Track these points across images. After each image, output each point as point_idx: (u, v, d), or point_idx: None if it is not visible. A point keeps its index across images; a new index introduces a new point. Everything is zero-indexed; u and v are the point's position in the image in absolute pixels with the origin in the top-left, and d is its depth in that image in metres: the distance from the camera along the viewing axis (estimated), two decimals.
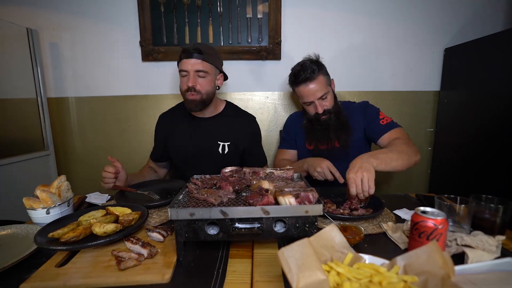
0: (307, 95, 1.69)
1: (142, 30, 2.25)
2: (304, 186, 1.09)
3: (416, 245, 0.88)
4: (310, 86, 1.66)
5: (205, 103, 1.69)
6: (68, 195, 1.33)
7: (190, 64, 1.60)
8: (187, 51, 1.60)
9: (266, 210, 0.91)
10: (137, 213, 1.17)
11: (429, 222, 0.87)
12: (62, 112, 2.41)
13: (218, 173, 1.35)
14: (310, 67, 1.66)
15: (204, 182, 1.21)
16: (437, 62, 2.39)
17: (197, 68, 1.61)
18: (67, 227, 1.06)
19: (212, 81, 1.68)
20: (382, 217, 1.26)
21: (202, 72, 1.62)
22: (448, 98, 2.31)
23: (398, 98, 2.43)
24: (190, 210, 0.91)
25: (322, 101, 1.70)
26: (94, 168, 2.46)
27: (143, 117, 2.42)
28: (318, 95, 1.67)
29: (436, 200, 1.13)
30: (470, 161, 2.08)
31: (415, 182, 2.56)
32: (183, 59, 1.62)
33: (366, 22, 2.31)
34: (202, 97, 1.66)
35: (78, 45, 2.32)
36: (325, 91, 1.68)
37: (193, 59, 1.60)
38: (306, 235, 0.90)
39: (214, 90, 1.73)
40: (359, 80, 2.40)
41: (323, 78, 1.69)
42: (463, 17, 2.34)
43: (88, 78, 2.36)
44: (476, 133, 2.02)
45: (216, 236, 0.94)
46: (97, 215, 1.19)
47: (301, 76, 1.67)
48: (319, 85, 1.66)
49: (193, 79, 1.62)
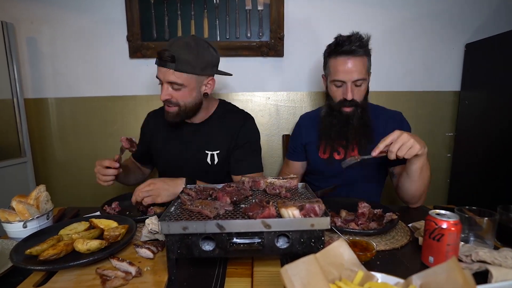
0: (343, 72, 1.59)
1: (130, 23, 2.26)
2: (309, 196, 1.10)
3: (428, 245, 0.99)
4: (350, 61, 1.58)
5: (185, 115, 1.63)
6: (47, 207, 1.33)
7: (162, 74, 1.52)
8: (160, 56, 1.50)
9: (267, 223, 0.91)
10: (124, 227, 1.17)
11: (441, 223, 0.95)
12: (40, 115, 2.42)
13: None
14: (359, 41, 1.58)
15: (198, 193, 1.22)
16: (457, 59, 2.40)
17: (169, 80, 1.51)
18: (46, 243, 1.06)
19: (192, 92, 1.57)
20: (396, 231, 1.26)
21: (175, 84, 1.52)
22: (470, 99, 2.31)
23: (413, 99, 2.44)
24: (183, 223, 0.91)
25: (355, 88, 1.62)
26: (76, 177, 2.47)
27: (131, 120, 2.43)
28: (354, 76, 1.58)
29: (456, 212, 1.14)
30: (494, 169, 2.08)
31: (432, 193, 2.54)
32: (157, 65, 1.54)
33: (378, 15, 2.33)
34: (181, 109, 1.59)
35: (59, 40, 2.33)
36: (363, 76, 1.60)
37: (165, 69, 1.50)
38: (312, 251, 0.90)
39: (198, 99, 1.63)
40: (370, 79, 2.37)
41: (366, 62, 1.63)
42: (486, 9, 2.35)
43: (69, 76, 2.38)
44: (501, 138, 2.02)
45: (212, 253, 0.94)
46: (80, 229, 1.19)
47: (345, 46, 1.58)
48: (359, 66, 1.59)
49: (166, 91, 1.54)
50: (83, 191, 2.50)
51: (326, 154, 1.77)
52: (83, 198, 2.49)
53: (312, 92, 2.42)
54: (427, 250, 1.00)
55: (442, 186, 2.56)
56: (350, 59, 1.58)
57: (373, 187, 1.80)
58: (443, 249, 0.95)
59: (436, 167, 2.51)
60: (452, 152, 2.50)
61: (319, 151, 1.80)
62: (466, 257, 0.98)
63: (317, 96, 2.43)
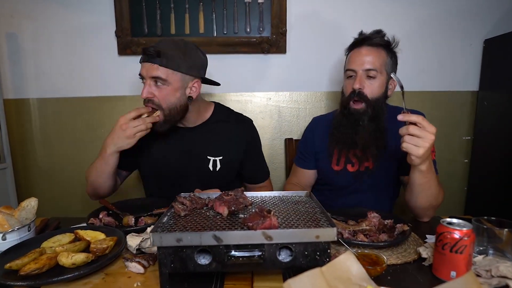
0: (354, 60, 1.62)
1: (119, 17, 2.27)
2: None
3: (440, 257, 0.99)
4: (364, 49, 1.61)
5: (172, 120, 1.64)
6: (27, 216, 1.33)
7: (146, 69, 1.55)
8: (145, 52, 1.54)
9: (268, 235, 0.92)
10: (112, 239, 1.17)
11: (453, 233, 0.95)
12: (22, 117, 2.42)
13: None
14: (382, 36, 1.63)
15: (193, 202, 1.22)
16: (475, 56, 2.40)
17: (153, 75, 1.53)
18: (27, 256, 1.06)
19: (176, 91, 1.59)
20: (408, 244, 1.26)
21: (159, 79, 1.54)
22: (489, 100, 2.31)
23: (427, 99, 2.44)
24: (177, 234, 0.92)
25: (367, 79, 1.61)
26: (61, 184, 2.46)
27: None
28: (366, 65, 1.59)
29: (474, 223, 1.14)
30: None
31: (448, 202, 2.53)
32: (141, 62, 1.58)
33: (389, 7, 2.33)
34: (164, 113, 1.59)
35: (42, 35, 2.34)
36: (376, 67, 1.59)
37: (149, 63, 1.53)
38: (317, 265, 0.90)
39: (182, 102, 1.64)
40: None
41: (385, 57, 1.63)
42: (507, 1, 2.34)
43: (53, 75, 2.39)
44: None
45: (208, 267, 0.94)
46: (64, 241, 1.19)
47: (360, 38, 1.64)
48: (373, 57, 1.60)
49: (149, 88, 1.56)
50: (68, 200, 2.49)
51: (340, 166, 1.77)
52: (68, 207, 2.48)
53: (318, 92, 2.43)
54: (446, 264, 0.99)
55: (458, 194, 2.55)
56: (364, 48, 1.62)
57: (385, 199, 1.81)
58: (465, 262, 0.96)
59: (452, 174, 2.51)
60: (470, 158, 2.50)
61: (332, 161, 1.79)
62: (486, 272, 0.98)
63: (323, 97, 2.44)
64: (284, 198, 1.30)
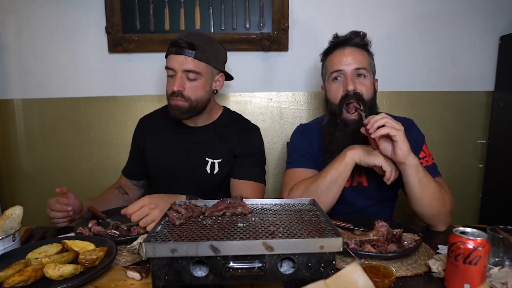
0: (339, 60, 1.64)
1: (109, 12, 2.27)
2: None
3: (452, 269, 0.99)
4: (347, 50, 1.64)
5: (193, 111, 1.71)
6: (12, 225, 1.33)
7: (178, 62, 1.62)
8: (177, 44, 1.61)
9: (269, 245, 0.92)
10: (102, 249, 1.18)
11: (467, 243, 0.95)
12: (5, 119, 2.42)
13: (202, 197, 1.36)
14: (360, 36, 1.66)
15: (189, 209, 1.22)
16: (491, 54, 2.40)
17: (187, 68, 1.62)
18: (11, 268, 1.07)
19: (206, 85, 1.70)
20: (418, 255, 1.26)
21: (193, 73, 1.63)
22: (505, 101, 2.31)
23: (438, 100, 2.44)
24: (171, 244, 0.92)
25: (357, 78, 1.63)
26: (47, 191, 2.45)
27: (110, 125, 2.43)
28: (355, 64, 1.61)
29: (489, 232, 1.14)
30: None
31: (462, 210, 2.53)
32: (171, 54, 1.64)
33: (398, 4, 2.33)
34: (192, 105, 1.67)
35: (26, 32, 2.34)
36: (364, 66, 1.63)
37: (183, 56, 1.61)
38: (322, 277, 0.91)
39: (209, 95, 1.74)
40: (387, 77, 2.35)
41: (367, 57, 1.68)
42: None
43: (39, 74, 2.39)
44: None
45: (205, 279, 0.94)
46: (51, 252, 1.20)
47: (341, 38, 1.67)
48: (358, 56, 1.64)
49: (180, 81, 1.63)
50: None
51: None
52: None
53: (321, 93, 2.41)
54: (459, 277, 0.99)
55: (472, 202, 2.55)
56: (347, 49, 1.65)
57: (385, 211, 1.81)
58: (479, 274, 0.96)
59: (466, 180, 2.51)
60: (485, 163, 2.50)
61: None
62: (502, 284, 0.98)
63: None
64: (286, 206, 1.30)
